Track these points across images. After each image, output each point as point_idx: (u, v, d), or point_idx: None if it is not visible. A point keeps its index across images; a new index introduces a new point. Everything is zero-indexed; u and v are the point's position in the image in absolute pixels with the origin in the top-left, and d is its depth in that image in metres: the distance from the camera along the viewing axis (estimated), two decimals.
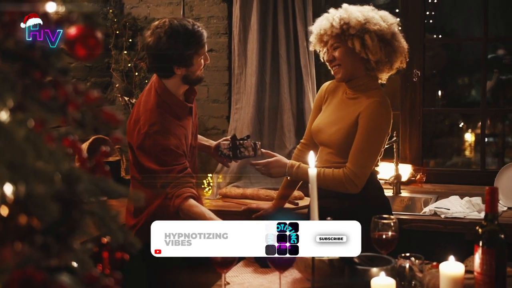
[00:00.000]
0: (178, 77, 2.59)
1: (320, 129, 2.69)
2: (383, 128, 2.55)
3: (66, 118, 0.92)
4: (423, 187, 3.78)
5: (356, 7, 2.63)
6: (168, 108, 2.59)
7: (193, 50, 2.53)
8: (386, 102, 2.58)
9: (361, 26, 2.54)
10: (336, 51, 2.61)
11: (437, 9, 6.25)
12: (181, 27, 2.52)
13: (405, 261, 1.88)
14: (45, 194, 0.82)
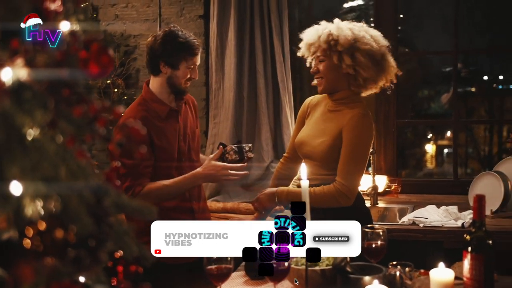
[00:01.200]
0: (163, 76, 2.69)
1: (303, 142, 2.74)
2: (367, 140, 2.60)
3: (93, 134, 0.95)
4: (399, 198, 3.86)
5: (347, 24, 2.65)
6: (149, 105, 2.69)
7: (182, 54, 2.64)
8: (368, 115, 2.64)
9: (350, 45, 2.57)
10: (321, 64, 2.65)
11: (403, 24, 6.40)
12: (178, 32, 2.68)
13: (395, 269, 1.93)
14: (80, 208, 0.84)
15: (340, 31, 2.59)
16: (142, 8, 4.13)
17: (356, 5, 7.30)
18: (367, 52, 2.58)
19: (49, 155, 0.85)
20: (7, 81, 0.85)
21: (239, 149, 2.67)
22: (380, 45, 2.64)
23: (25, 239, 0.82)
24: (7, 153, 0.81)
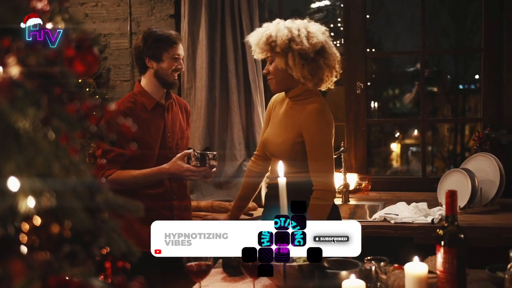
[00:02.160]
0: (151, 72, 2.85)
1: (268, 141, 2.79)
2: (327, 134, 2.64)
3: (84, 131, 0.96)
4: (369, 195, 3.92)
5: (287, 23, 2.69)
6: (137, 98, 2.85)
7: (162, 46, 2.79)
8: (324, 108, 2.68)
9: (285, 45, 2.62)
10: (271, 65, 2.72)
11: (370, 25, 6.50)
12: (158, 30, 2.84)
13: (371, 264, 1.97)
14: (75, 204, 0.86)
15: (278, 32, 2.64)
16: (112, 7, 4.11)
17: (324, 6, 7.38)
18: (299, 52, 2.62)
19: (43, 151, 0.86)
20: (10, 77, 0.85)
21: (201, 157, 2.77)
22: (314, 42, 2.64)
23: (21, 234, 0.83)
24: (3, 150, 0.82)
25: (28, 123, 0.86)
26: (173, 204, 2.85)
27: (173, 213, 2.82)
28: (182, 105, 3.05)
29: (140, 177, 2.72)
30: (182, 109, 3.02)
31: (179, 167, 2.73)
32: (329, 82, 2.76)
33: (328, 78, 2.73)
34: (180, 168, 2.73)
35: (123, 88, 4.07)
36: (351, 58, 4.08)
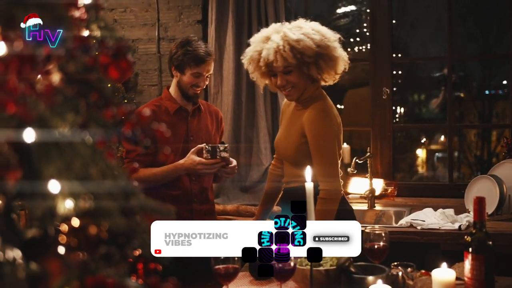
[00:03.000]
0: (175, 80, 2.96)
1: (277, 145, 2.82)
2: (329, 133, 2.61)
3: (119, 136, 0.98)
4: (395, 201, 3.91)
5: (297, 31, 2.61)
6: (162, 102, 2.95)
7: (186, 61, 2.85)
8: (327, 107, 2.65)
9: (315, 53, 2.58)
10: (290, 75, 2.63)
11: (397, 30, 6.48)
12: (192, 41, 2.89)
13: (398, 269, 1.98)
14: (112, 206, 0.88)
15: (303, 42, 2.57)
16: (140, 13, 4.17)
17: (349, 11, 7.37)
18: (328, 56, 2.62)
19: (81, 155, 0.89)
20: (53, 83, 0.88)
21: (212, 149, 2.78)
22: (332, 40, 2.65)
23: (60, 235, 0.86)
24: (44, 154, 0.85)
25: (67, 128, 0.89)
26: (193, 207, 2.89)
27: (193, 216, 2.85)
28: (213, 111, 3.11)
29: (158, 174, 2.79)
30: (213, 116, 3.07)
31: (192, 161, 2.77)
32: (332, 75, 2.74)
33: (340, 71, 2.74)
34: (192, 162, 2.77)
35: (150, 93, 4.12)
36: (377, 64, 4.07)
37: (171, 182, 2.84)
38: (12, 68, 0.73)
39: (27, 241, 0.94)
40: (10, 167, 0.74)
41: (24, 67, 0.73)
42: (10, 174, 0.79)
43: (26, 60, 0.74)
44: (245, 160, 3.90)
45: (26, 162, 0.83)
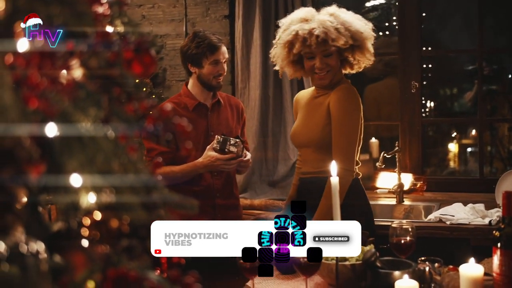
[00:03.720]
0: (194, 76, 2.94)
1: (296, 133, 2.82)
2: (353, 112, 2.64)
3: (141, 130, 0.99)
4: (424, 195, 3.87)
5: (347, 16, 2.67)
6: (181, 99, 2.96)
7: (202, 52, 2.84)
8: (352, 88, 2.70)
9: (361, 39, 2.64)
10: (330, 58, 2.66)
11: (426, 22, 6.39)
12: (200, 33, 2.89)
13: (425, 265, 1.96)
14: (134, 200, 0.89)
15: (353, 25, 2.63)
16: (168, 9, 4.19)
17: (379, 4, 7.30)
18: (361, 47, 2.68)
19: (104, 150, 0.90)
20: (75, 78, 0.90)
21: (223, 141, 2.77)
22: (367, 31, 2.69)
23: (83, 228, 0.88)
24: (67, 148, 0.86)
25: (90, 123, 0.91)
26: (216, 203, 2.89)
27: (215, 211, 2.86)
28: (233, 103, 3.09)
29: (178, 172, 2.79)
30: (233, 108, 3.06)
31: (210, 158, 2.77)
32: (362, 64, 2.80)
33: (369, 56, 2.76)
34: (211, 159, 2.77)
35: (178, 88, 4.14)
36: (406, 57, 4.03)
37: (193, 178, 2.85)
38: (33, 64, 0.75)
39: (53, 235, 0.95)
40: (33, 161, 0.76)
41: (44, 62, 0.75)
42: (34, 168, 0.80)
43: (46, 55, 0.75)
44: (272, 154, 3.90)
45: (50, 156, 0.84)
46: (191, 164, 2.80)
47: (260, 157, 3.91)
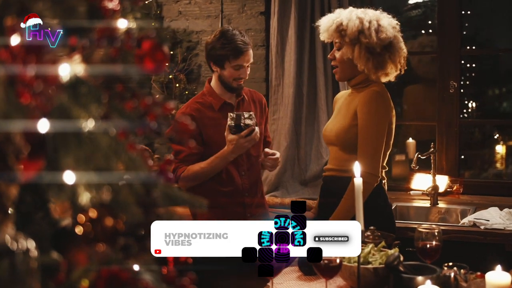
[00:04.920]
0: (216, 75, 2.87)
1: (326, 130, 2.82)
2: (380, 116, 2.61)
3: (144, 127, 0.98)
4: (460, 198, 3.77)
5: (359, 12, 2.68)
6: (205, 98, 2.88)
7: (225, 54, 2.76)
8: (383, 92, 2.67)
9: (354, 36, 2.62)
10: (339, 51, 2.72)
11: (471, 20, 6.24)
12: (228, 33, 2.79)
13: (450, 271, 1.90)
14: (129, 198, 0.88)
15: (349, 22, 2.63)
16: (204, 5, 4.20)
17: (422, 1, 7.17)
18: (366, 46, 2.61)
19: (102, 147, 0.89)
20: (63, 77, 0.89)
21: (236, 117, 2.68)
22: (382, 37, 2.62)
23: (77, 226, 0.87)
24: (63, 144, 0.85)
25: (90, 119, 0.90)
26: (245, 201, 2.86)
27: (245, 210, 2.84)
28: (256, 99, 3.02)
29: (207, 167, 2.74)
30: (256, 103, 3.00)
31: (232, 142, 2.66)
32: (391, 76, 2.74)
33: (392, 71, 2.72)
34: (233, 142, 2.66)
35: None
36: (444, 56, 3.94)
37: (222, 179, 2.81)
38: (23, 58, 0.74)
39: (58, 232, 0.95)
40: (22, 157, 0.75)
41: (34, 57, 0.74)
42: (25, 165, 0.80)
43: (34, 50, 0.74)
44: (305, 153, 3.87)
45: (44, 152, 0.83)
46: (218, 154, 2.73)
47: (293, 155, 3.88)
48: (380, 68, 2.65)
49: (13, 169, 0.76)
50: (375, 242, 2.15)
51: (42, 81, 0.75)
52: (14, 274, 0.77)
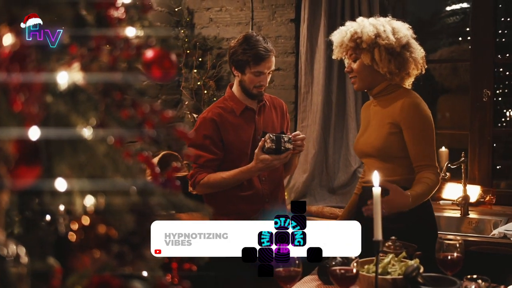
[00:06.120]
0: (237, 80, 2.86)
1: (357, 142, 2.79)
2: (429, 121, 2.60)
3: (142, 135, 0.99)
4: (493, 209, 3.69)
5: (371, 20, 2.69)
6: (227, 103, 2.87)
7: (246, 60, 2.75)
8: (419, 99, 2.63)
9: (372, 41, 2.60)
10: (355, 63, 2.69)
11: (510, 28, 6.10)
12: (252, 39, 2.78)
13: (471, 283, 1.86)
14: (122, 206, 0.89)
15: (363, 28, 2.62)
16: (235, 12, 4.22)
17: (459, 8, 7.05)
18: (385, 47, 2.59)
19: (98, 154, 0.90)
20: (61, 84, 0.90)
21: (276, 139, 2.66)
22: (399, 36, 2.62)
23: (70, 233, 0.88)
24: (58, 151, 0.86)
25: (86, 126, 0.91)
26: (265, 208, 2.83)
27: (264, 218, 2.81)
28: (277, 105, 3.00)
29: (230, 179, 2.74)
30: (277, 109, 2.98)
31: (265, 160, 2.65)
32: (412, 77, 2.72)
33: (414, 72, 2.69)
34: (266, 161, 2.65)
35: None
36: (478, 64, 3.86)
37: (242, 184, 2.80)
38: (11, 66, 0.75)
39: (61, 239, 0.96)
40: (10, 164, 0.76)
41: (15, 66, 0.75)
42: (20, 171, 0.81)
43: (19, 58, 0.75)
44: (333, 161, 3.84)
45: (37, 159, 0.84)
46: (244, 169, 2.72)
47: (321, 163, 3.86)
48: (403, 69, 2.62)
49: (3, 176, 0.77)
50: (395, 253, 2.11)
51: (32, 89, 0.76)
52: (3, 280, 0.78)
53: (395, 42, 2.59)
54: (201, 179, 2.75)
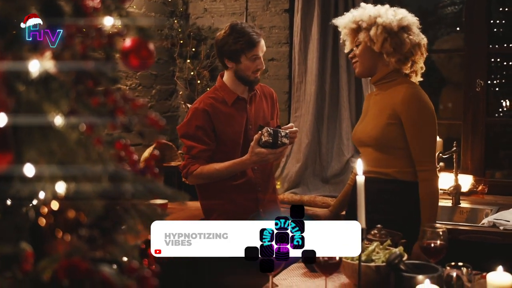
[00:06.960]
0: (231, 71, 2.85)
1: (356, 131, 2.79)
2: (430, 115, 2.59)
3: (114, 123, 1.01)
4: (485, 199, 3.71)
5: (373, 6, 2.72)
6: (218, 93, 2.87)
7: (240, 48, 2.75)
8: (420, 90, 2.62)
9: (371, 20, 2.62)
10: (358, 48, 2.70)
11: (505, 18, 6.09)
12: (238, 27, 2.80)
13: (453, 270, 1.88)
14: (91, 192, 0.91)
15: (364, 11, 2.67)
16: (229, 2, 4.23)
17: None
18: (383, 25, 2.59)
19: (69, 141, 0.92)
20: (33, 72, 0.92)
21: (274, 133, 2.67)
22: (400, 17, 2.62)
23: (40, 218, 0.90)
24: (27, 138, 0.88)
25: (57, 114, 0.93)
26: (258, 197, 2.86)
27: (258, 206, 2.84)
28: (267, 93, 3.01)
29: (222, 171, 2.75)
30: (268, 98, 2.99)
31: (260, 154, 2.66)
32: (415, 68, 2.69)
33: (412, 58, 2.65)
34: (261, 155, 2.66)
35: None
36: (471, 54, 3.87)
37: None
38: None
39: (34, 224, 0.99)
40: None
41: None
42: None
43: None
44: (326, 151, 3.86)
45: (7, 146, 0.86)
46: (238, 161, 2.74)
47: (314, 153, 3.87)
48: (399, 50, 2.60)
49: None
50: (380, 241, 2.14)
51: None
52: None
53: (395, 22, 2.59)
54: (194, 170, 2.76)
